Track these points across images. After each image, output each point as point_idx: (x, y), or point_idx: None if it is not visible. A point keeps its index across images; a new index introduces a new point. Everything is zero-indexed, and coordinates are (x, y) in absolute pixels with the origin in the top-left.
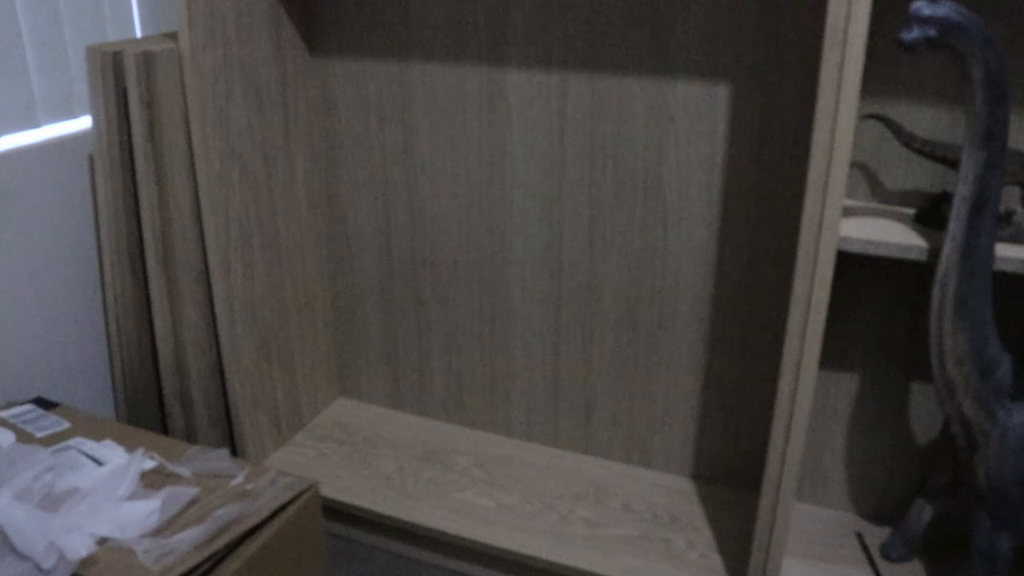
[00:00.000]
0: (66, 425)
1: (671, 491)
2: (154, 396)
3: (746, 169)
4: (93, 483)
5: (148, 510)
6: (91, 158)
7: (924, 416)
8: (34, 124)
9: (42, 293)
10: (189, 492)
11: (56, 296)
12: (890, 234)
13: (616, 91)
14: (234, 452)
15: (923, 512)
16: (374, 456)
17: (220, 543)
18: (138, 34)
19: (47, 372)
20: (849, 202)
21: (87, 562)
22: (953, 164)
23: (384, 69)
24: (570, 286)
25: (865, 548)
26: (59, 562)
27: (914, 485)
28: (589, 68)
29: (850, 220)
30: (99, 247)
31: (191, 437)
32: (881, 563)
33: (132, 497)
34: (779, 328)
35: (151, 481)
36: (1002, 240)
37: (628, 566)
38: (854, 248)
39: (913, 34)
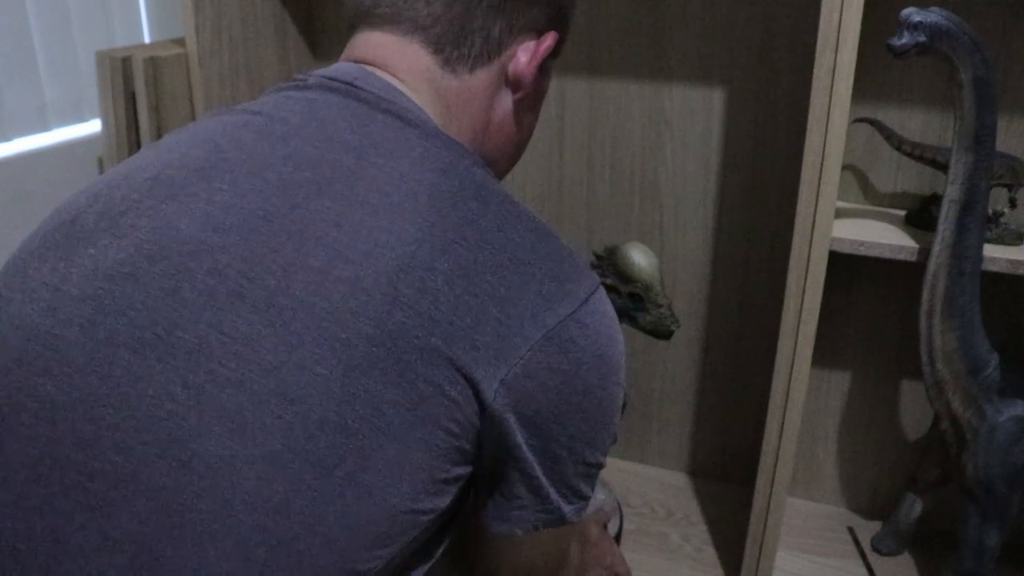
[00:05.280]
0: None
1: (667, 487)
2: None
3: (741, 172)
4: None
5: None
6: (100, 161)
7: (914, 413)
8: (45, 128)
9: None
10: None
11: None
12: (881, 235)
13: (614, 95)
14: None
15: (913, 507)
16: None
17: None
18: (147, 40)
19: None
20: (841, 204)
21: None
22: (942, 167)
23: None
24: None
25: (856, 542)
26: None
27: (904, 480)
28: (587, 73)
29: (842, 221)
30: None
31: None
32: (872, 556)
33: None
34: (773, 327)
35: None
36: (990, 241)
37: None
38: (846, 249)
39: (903, 40)
